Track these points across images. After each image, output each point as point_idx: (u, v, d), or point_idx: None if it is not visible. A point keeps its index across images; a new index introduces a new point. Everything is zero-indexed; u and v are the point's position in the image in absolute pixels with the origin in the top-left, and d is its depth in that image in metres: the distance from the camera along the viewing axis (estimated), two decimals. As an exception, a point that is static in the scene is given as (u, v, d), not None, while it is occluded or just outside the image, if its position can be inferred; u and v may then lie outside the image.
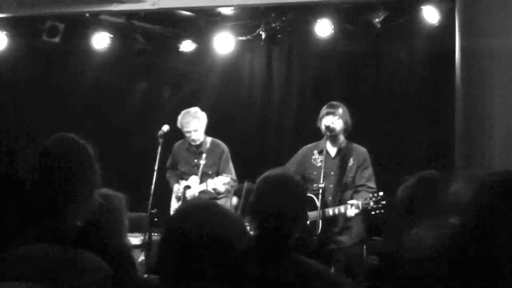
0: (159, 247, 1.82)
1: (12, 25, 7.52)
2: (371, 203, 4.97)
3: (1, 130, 7.95)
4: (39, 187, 1.88)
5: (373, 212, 4.99)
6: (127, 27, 7.56)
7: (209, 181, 5.96)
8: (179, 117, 6.11)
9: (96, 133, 7.57)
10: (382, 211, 4.93)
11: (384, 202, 4.93)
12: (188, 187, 6.09)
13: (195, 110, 6.14)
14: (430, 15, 6.52)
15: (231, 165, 6.20)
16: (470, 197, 1.66)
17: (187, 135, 6.10)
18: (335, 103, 5.37)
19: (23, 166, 1.97)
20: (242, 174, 6.07)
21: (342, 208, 5.08)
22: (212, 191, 5.99)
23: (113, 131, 8.05)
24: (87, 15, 7.18)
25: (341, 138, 5.33)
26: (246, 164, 6.46)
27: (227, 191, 6.06)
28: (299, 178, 2.90)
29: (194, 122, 6.05)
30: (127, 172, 7.50)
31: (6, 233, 1.78)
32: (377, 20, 6.68)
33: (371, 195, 5.06)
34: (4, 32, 7.57)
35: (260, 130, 7.85)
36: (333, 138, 5.30)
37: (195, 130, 6.05)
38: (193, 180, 6.08)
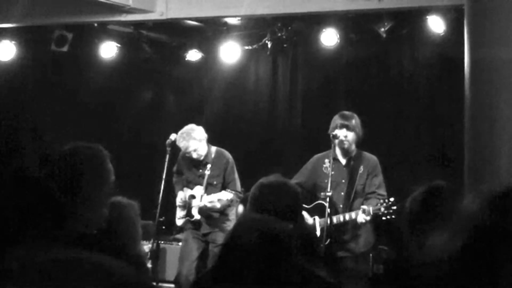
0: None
1: (21, 35, 7.59)
2: (382, 209, 4.98)
3: (10, 138, 8.00)
4: (57, 192, 1.91)
5: (384, 218, 5.00)
6: (134, 36, 7.62)
7: (204, 197, 5.96)
8: (177, 140, 6.04)
9: (103, 141, 7.62)
10: (393, 216, 4.93)
11: (395, 208, 4.94)
12: (193, 196, 6.10)
13: (189, 130, 6.01)
14: (436, 24, 6.55)
15: (236, 175, 6.17)
16: (479, 209, 1.69)
17: (187, 155, 6.09)
18: (348, 114, 5.32)
19: (35, 171, 2.00)
20: (248, 183, 6.09)
21: (353, 214, 5.10)
22: (206, 207, 5.98)
23: (121, 139, 8.09)
24: (95, 25, 7.25)
25: (352, 147, 5.36)
26: (253, 172, 6.47)
27: (225, 206, 6.05)
28: (293, 183, 2.92)
29: (191, 143, 5.98)
30: (135, 180, 7.54)
31: (21, 237, 1.82)
32: (382, 29, 6.72)
33: (381, 200, 5.08)
34: (13, 42, 7.64)
35: (266, 138, 7.88)
36: (344, 148, 5.33)
37: (195, 150, 6.03)
38: (198, 191, 6.09)
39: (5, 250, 1.62)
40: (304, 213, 5.12)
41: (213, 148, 6.15)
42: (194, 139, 5.97)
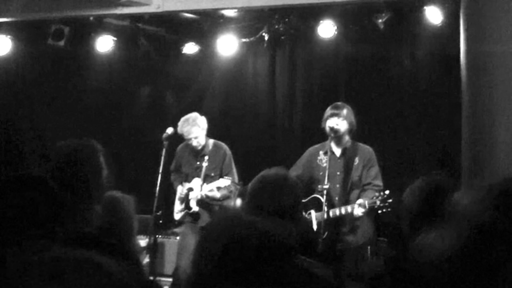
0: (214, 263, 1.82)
1: (18, 29, 7.56)
2: (378, 202, 4.98)
3: (7, 132, 7.99)
4: (54, 189, 1.90)
5: (380, 211, 5.00)
6: (131, 30, 7.60)
7: (204, 186, 5.97)
8: (179, 125, 6.06)
9: (100, 135, 7.61)
10: (389, 209, 4.94)
11: (390, 201, 4.94)
12: (191, 189, 6.11)
13: (194, 117, 6.09)
14: (433, 16, 6.54)
15: (234, 167, 6.20)
16: (477, 203, 1.68)
17: (189, 142, 6.11)
18: (339, 104, 5.38)
19: (33, 168, 1.99)
20: (246, 176, 6.08)
21: (349, 208, 5.09)
22: (206, 198, 5.98)
23: (117, 133, 8.08)
24: (92, 18, 7.21)
25: (346, 138, 5.34)
26: (250, 166, 6.46)
27: (225, 196, 6.05)
28: (293, 176, 2.91)
29: (194, 129, 6.02)
30: (132, 175, 7.53)
31: (22, 237, 1.80)
32: (380, 21, 6.69)
33: (377, 193, 5.07)
34: (9, 36, 7.61)
35: (263, 131, 7.86)
36: (338, 139, 5.32)
37: (196, 137, 6.05)
38: (196, 183, 6.10)
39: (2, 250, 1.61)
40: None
41: (211, 141, 6.19)
42: (198, 126, 6.02)
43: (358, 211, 5.04)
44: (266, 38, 7.43)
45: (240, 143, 6.97)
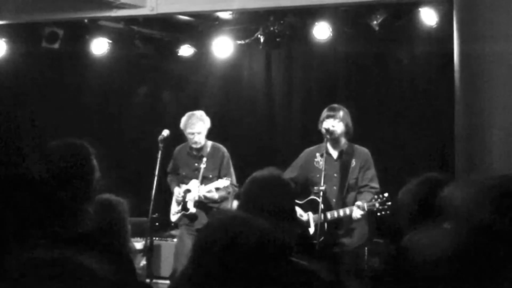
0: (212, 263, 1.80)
1: (12, 32, 7.55)
2: (377, 205, 4.98)
3: (2, 135, 7.97)
4: (45, 190, 1.89)
5: (378, 214, 5.00)
6: (126, 32, 7.59)
7: (201, 187, 5.96)
8: (184, 118, 6.08)
9: (95, 138, 7.59)
10: (388, 212, 4.94)
11: (389, 203, 4.94)
12: (188, 190, 6.10)
13: (201, 113, 6.12)
14: (428, 17, 6.55)
15: (232, 169, 6.20)
16: (471, 201, 1.67)
17: (190, 137, 6.08)
18: (335, 105, 5.37)
19: (27, 169, 1.97)
20: (242, 178, 6.07)
21: (347, 210, 5.09)
22: (204, 199, 5.98)
23: (113, 136, 8.06)
24: (86, 21, 7.20)
25: (343, 140, 5.34)
26: (246, 167, 6.44)
27: (223, 198, 6.04)
28: (286, 177, 2.91)
29: (199, 124, 6.04)
30: (128, 177, 7.51)
31: (12, 237, 1.79)
32: (375, 22, 6.69)
33: (375, 196, 5.07)
34: (3, 39, 7.60)
35: (259, 133, 7.86)
36: (334, 141, 5.31)
37: (199, 133, 6.04)
38: (194, 184, 6.09)
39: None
40: (298, 209, 5.10)
41: (209, 142, 6.18)
42: (203, 122, 6.05)
43: (357, 213, 5.03)
44: (262, 40, 7.42)
45: (237, 144, 6.96)
